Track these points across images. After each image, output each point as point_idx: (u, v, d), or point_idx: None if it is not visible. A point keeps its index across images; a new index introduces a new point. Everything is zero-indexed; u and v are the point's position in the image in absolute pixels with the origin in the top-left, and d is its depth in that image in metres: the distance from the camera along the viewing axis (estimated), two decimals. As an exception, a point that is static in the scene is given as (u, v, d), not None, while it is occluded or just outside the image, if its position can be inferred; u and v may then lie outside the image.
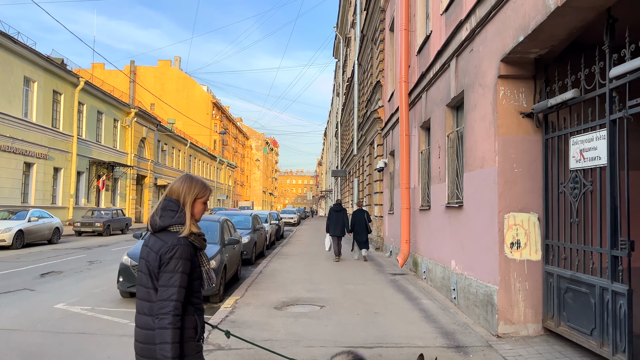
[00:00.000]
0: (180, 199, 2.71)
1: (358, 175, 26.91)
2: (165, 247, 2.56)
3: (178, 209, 2.68)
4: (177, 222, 2.64)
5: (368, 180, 21.54)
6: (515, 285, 6.39)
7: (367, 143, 21.96)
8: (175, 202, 2.71)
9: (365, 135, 22.43)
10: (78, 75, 32.75)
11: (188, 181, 2.76)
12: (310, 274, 11.97)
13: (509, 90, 6.53)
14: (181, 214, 2.67)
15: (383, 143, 17.76)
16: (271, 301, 8.67)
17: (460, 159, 8.52)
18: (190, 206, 2.71)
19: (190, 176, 2.82)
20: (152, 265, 2.59)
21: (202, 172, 67.33)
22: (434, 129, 10.08)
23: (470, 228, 7.60)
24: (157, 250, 2.58)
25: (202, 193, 2.77)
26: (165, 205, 2.70)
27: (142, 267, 2.65)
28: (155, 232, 2.68)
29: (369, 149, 21.15)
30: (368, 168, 21.53)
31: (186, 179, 2.78)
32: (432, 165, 10.24)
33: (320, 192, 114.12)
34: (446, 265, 9.05)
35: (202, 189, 2.77)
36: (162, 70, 78.27)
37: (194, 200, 2.72)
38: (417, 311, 8.02)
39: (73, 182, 32.36)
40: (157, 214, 2.68)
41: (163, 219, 2.65)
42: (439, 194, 9.65)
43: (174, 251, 2.53)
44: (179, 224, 2.64)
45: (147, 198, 45.70)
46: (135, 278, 8.31)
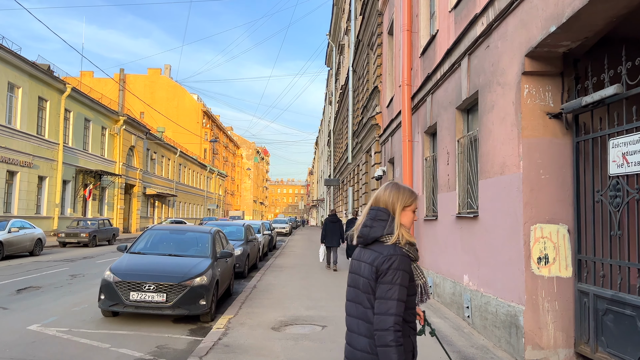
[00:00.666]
0: (389, 208, 2.59)
1: (353, 184, 26.26)
2: (381, 258, 2.45)
3: (388, 218, 2.56)
4: (389, 232, 2.53)
5: (364, 189, 20.88)
6: (543, 305, 5.72)
7: (362, 151, 21.33)
8: (384, 211, 2.59)
9: (360, 143, 21.81)
10: (65, 81, 31.87)
11: (395, 189, 2.64)
12: (307, 289, 11.24)
13: (534, 88, 5.90)
14: (392, 224, 2.55)
15: (381, 150, 17.13)
16: (268, 320, 7.94)
17: (473, 166, 7.88)
18: (399, 214, 2.57)
19: (396, 184, 2.69)
20: (368, 278, 2.48)
21: (192, 181, 66.37)
22: (441, 133, 9.45)
23: (487, 240, 6.93)
24: (372, 261, 2.48)
25: (411, 201, 2.64)
26: (375, 215, 2.59)
27: (354, 281, 2.60)
28: (367, 244, 2.59)
29: (365, 157, 20.52)
30: (364, 176, 20.89)
31: (393, 186, 2.66)
32: (439, 173, 9.59)
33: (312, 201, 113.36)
34: (457, 281, 8.37)
35: (410, 197, 2.64)
36: (152, 79, 77.50)
37: (403, 208, 2.60)
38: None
39: (58, 191, 31.39)
40: (368, 224, 2.58)
41: (374, 229, 2.55)
42: (447, 203, 9.00)
43: (391, 262, 2.42)
44: (390, 234, 2.52)
45: (135, 208, 44.69)
46: (120, 296, 7.58)
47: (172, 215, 55.55)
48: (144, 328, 7.72)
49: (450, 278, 8.83)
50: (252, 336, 6.94)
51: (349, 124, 26.52)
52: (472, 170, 7.92)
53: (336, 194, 42.21)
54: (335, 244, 15.24)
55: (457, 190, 8.47)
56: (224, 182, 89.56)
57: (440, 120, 9.51)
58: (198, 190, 69.52)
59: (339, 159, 37.60)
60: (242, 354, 6.08)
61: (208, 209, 74.39)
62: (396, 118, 13.67)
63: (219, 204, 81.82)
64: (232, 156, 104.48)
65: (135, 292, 7.70)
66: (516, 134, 6.00)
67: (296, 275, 13.61)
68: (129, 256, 8.78)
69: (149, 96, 69.92)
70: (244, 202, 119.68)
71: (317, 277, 13.33)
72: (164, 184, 53.07)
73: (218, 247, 9.82)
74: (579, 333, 5.59)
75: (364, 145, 20.73)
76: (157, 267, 8.21)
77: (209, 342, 6.57)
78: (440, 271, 9.49)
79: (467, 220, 7.83)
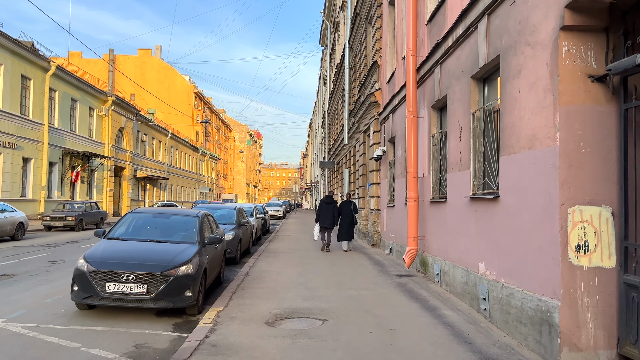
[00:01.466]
0: None
1: (349, 166, 25.37)
2: None
3: None
4: None
5: (361, 171, 20.02)
6: (582, 300, 4.91)
7: (360, 131, 20.42)
8: None
9: (358, 123, 20.89)
10: (49, 59, 30.58)
11: None
12: (304, 277, 10.42)
13: (574, 46, 5.02)
14: None
15: (380, 129, 16.23)
16: (261, 313, 7.11)
17: (492, 141, 7.02)
18: None
19: None
20: None
21: (184, 164, 65.25)
22: (452, 107, 8.56)
23: (511, 225, 6.10)
24: None
25: None
26: None
27: None
28: None
29: (363, 137, 19.62)
30: (361, 158, 20.01)
31: None
32: (449, 151, 8.73)
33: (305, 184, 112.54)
34: (470, 269, 7.56)
35: None
36: (143, 60, 75.86)
37: None
38: (441, 327, 6.52)
39: (44, 174, 30.34)
40: None
41: None
42: (459, 183, 8.15)
43: None
44: None
45: (125, 191, 43.65)
46: (95, 287, 6.72)
47: (163, 198, 54.56)
48: (122, 323, 6.88)
49: (461, 266, 8.02)
50: (243, 333, 6.11)
51: (345, 103, 25.53)
52: (491, 146, 7.07)
53: (331, 176, 41.34)
54: (328, 225, 15.34)
55: (471, 169, 7.62)
56: (217, 165, 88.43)
57: (451, 92, 8.62)
58: (190, 173, 68.46)
59: (334, 140, 36.65)
60: (231, 356, 5.25)
61: (200, 192, 73.41)
62: (398, 93, 12.76)
63: (211, 187, 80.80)
64: (224, 139, 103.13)
65: (112, 282, 6.83)
66: (551, 101, 5.13)
67: (291, 261, 12.80)
68: (107, 242, 7.89)
69: (139, 77, 68.48)
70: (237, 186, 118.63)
71: (313, 264, 12.52)
72: (155, 167, 51.98)
73: (207, 232, 8.95)
74: (624, 333, 4.79)
75: (362, 125, 19.81)
76: (137, 254, 7.33)
77: (193, 341, 5.74)
78: (450, 258, 8.68)
79: (485, 202, 6.99)
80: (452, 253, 8.59)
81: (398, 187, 13.38)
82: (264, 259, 13.28)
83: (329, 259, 13.44)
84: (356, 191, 22.33)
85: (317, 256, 14.11)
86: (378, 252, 15.22)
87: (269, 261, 12.80)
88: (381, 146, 15.68)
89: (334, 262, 12.96)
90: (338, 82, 31.78)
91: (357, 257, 14.12)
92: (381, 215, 16.34)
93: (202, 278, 7.64)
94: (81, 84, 34.70)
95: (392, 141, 14.59)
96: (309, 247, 16.74)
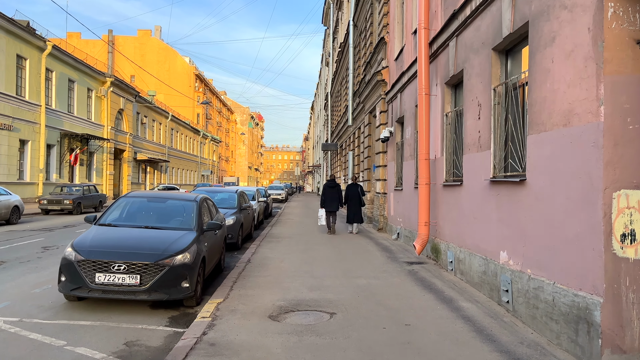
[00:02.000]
0: None
1: (353, 148, 24.75)
2: None
3: None
4: None
5: (366, 153, 19.40)
6: (627, 297, 4.35)
7: (365, 112, 19.75)
8: None
9: (363, 103, 20.21)
10: (45, 39, 29.79)
11: None
12: (309, 264, 9.89)
13: (621, 7, 4.38)
14: None
15: (387, 109, 15.57)
16: (264, 306, 6.57)
17: (517, 118, 6.40)
18: None
19: None
20: None
21: (185, 146, 64.62)
22: (469, 82, 7.93)
23: (540, 210, 5.51)
24: None
25: None
26: None
27: None
28: None
29: (368, 117, 18.96)
30: (367, 139, 19.38)
31: None
32: (465, 130, 8.12)
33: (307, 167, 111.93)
34: (490, 258, 7.00)
35: None
36: (142, 41, 74.85)
37: None
38: (460, 321, 5.98)
39: (42, 156, 29.76)
40: None
41: None
42: (477, 165, 7.55)
43: None
44: None
45: (126, 173, 43.10)
46: (84, 278, 6.18)
47: (164, 181, 54.05)
48: (114, 316, 6.35)
49: (479, 254, 7.46)
50: (244, 329, 5.57)
51: (349, 83, 24.80)
52: (516, 124, 6.45)
53: (334, 159, 40.73)
54: (334, 209, 15.35)
55: (491, 149, 7.01)
56: (218, 147, 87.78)
57: (468, 67, 7.97)
58: (191, 156, 67.87)
59: (337, 122, 35.96)
60: (231, 357, 4.71)
61: (202, 175, 72.91)
62: (408, 70, 12.09)
63: (213, 170, 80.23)
64: (225, 121, 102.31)
65: (102, 273, 6.28)
66: (593, 70, 4.51)
67: (295, 247, 12.26)
68: (97, 229, 7.33)
69: (139, 59, 67.54)
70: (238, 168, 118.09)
71: (318, 249, 11.99)
72: (156, 149, 51.38)
73: (206, 217, 8.40)
74: (676, 333, 4.23)
75: (367, 105, 19.14)
76: (129, 242, 6.78)
77: (190, 339, 5.20)
78: (466, 245, 8.12)
79: (508, 186, 6.39)
80: (468, 240, 8.02)
81: (407, 169, 12.78)
82: (266, 244, 12.76)
83: (334, 244, 12.90)
84: (361, 174, 21.75)
85: (322, 241, 13.58)
86: (385, 237, 14.68)
87: (271, 247, 12.27)
88: (388, 127, 15.04)
89: (340, 247, 12.42)
90: (341, 62, 30.99)
91: (364, 242, 13.58)
92: (388, 199, 15.77)
93: (200, 267, 7.09)
94: (79, 64, 33.93)
95: (400, 121, 13.95)
96: (313, 231, 16.21)
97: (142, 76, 63.22)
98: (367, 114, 19.11)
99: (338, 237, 14.65)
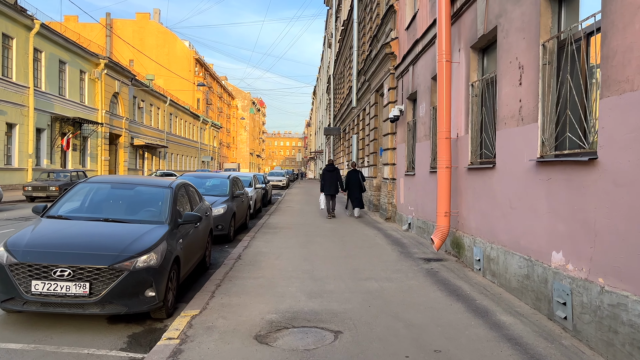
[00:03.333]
0: None
1: (357, 132, 23.23)
2: None
3: None
4: None
5: (372, 136, 17.90)
6: None
7: (371, 91, 18.22)
8: None
9: (369, 82, 18.66)
10: (32, 17, 28.19)
11: None
12: (309, 261, 8.46)
13: None
14: None
15: (397, 86, 14.03)
16: (251, 321, 5.15)
17: (579, 79, 4.90)
18: None
19: None
20: None
21: (185, 132, 63.10)
22: (506, 41, 6.42)
23: (620, 200, 4.05)
24: None
25: None
26: None
27: None
28: None
29: (375, 96, 17.42)
30: (372, 121, 17.86)
31: None
32: (500, 100, 6.62)
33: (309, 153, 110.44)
34: (536, 259, 5.55)
35: None
36: (141, 24, 73.05)
37: None
38: (506, 345, 4.55)
39: (31, 140, 28.31)
40: None
41: None
42: (516, 142, 6.08)
43: None
44: None
45: (122, 159, 41.63)
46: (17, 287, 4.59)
47: (163, 167, 52.64)
48: (55, 335, 4.94)
49: (519, 253, 6.01)
50: (221, 357, 4.16)
51: (353, 62, 23.22)
52: (577, 86, 4.95)
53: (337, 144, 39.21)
54: (333, 192, 15.66)
55: (539, 121, 5.52)
56: (219, 133, 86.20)
57: (504, 22, 6.46)
58: (191, 142, 66.38)
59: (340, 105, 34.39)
60: (193, 411, 3.29)
61: (202, 161, 71.48)
62: (423, 37, 10.55)
63: (213, 156, 78.78)
64: (226, 107, 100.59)
65: (41, 280, 4.86)
66: None
67: (293, 240, 10.84)
68: (44, 222, 5.87)
69: (138, 43, 65.90)
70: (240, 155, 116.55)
71: (320, 242, 10.56)
72: (154, 135, 49.86)
73: (185, 207, 6.97)
74: None
75: (373, 84, 17.59)
76: (79, 240, 5.35)
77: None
78: (499, 240, 6.66)
79: (566, 167, 4.92)
80: (502, 235, 6.57)
81: (420, 151, 11.29)
82: (262, 236, 11.33)
83: (338, 236, 11.47)
84: (366, 158, 20.27)
85: (324, 232, 12.15)
86: (394, 228, 13.23)
87: (267, 239, 10.85)
88: (398, 105, 13.52)
89: (344, 240, 10.99)
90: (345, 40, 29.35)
91: (371, 233, 12.15)
92: (397, 185, 14.29)
93: (172, 270, 5.67)
94: (70, 44, 32.35)
95: (412, 98, 12.44)
96: (315, 220, 14.80)
97: (141, 60, 61.69)
98: (373, 93, 17.57)
99: (342, 227, 13.23)
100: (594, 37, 4.65)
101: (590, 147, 4.62)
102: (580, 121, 4.86)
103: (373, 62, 16.74)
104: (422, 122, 11.06)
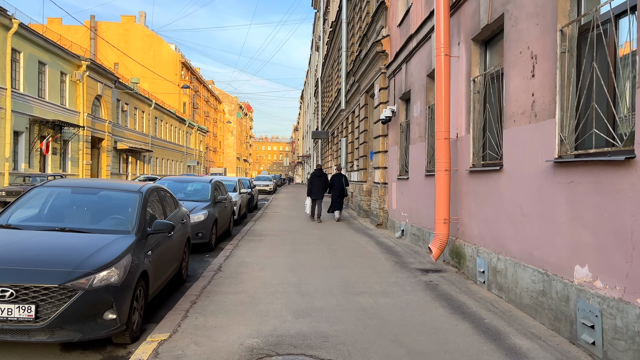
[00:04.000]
0: None
1: (346, 135, 22.57)
2: None
3: None
4: None
5: (362, 139, 17.24)
6: None
7: (361, 92, 17.57)
8: None
9: (358, 83, 18.01)
10: (10, 16, 27.20)
11: None
12: (296, 272, 7.74)
13: None
14: None
15: (389, 85, 13.38)
16: (228, 347, 4.42)
17: (607, 66, 4.25)
18: None
19: None
20: None
21: (170, 136, 62.04)
22: (515, 29, 5.77)
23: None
24: None
25: None
26: None
27: None
28: None
29: (365, 98, 16.77)
30: (362, 123, 17.21)
31: None
32: (508, 95, 5.98)
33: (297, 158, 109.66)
34: (554, 273, 4.88)
35: None
36: (126, 27, 71.94)
37: None
38: None
39: (8, 144, 27.22)
40: None
41: None
42: (529, 141, 5.43)
43: None
44: None
45: (105, 163, 40.55)
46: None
47: (147, 171, 51.55)
48: (-3, 367, 4.18)
49: (532, 265, 5.35)
50: (187, 400, 3.42)
51: (342, 64, 22.59)
52: (609, 76, 4.30)
53: (324, 148, 38.53)
54: (320, 197, 15.81)
55: (556, 116, 4.87)
56: (205, 138, 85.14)
57: (513, 8, 5.82)
58: (177, 146, 65.30)
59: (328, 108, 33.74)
60: None
61: (188, 166, 70.39)
62: (417, 32, 9.91)
63: (200, 160, 77.70)
64: (213, 111, 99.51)
65: (-23, 302, 4.09)
66: None
67: (280, 248, 10.11)
68: (-11, 232, 5.09)
69: (123, 46, 64.82)
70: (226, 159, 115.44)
71: (307, 251, 9.84)
72: (138, 139, 48.81)
73: (157, 214, 6.22)
74: None
75: (363, 85, 16.95)
76: (25, 253, 4.58)
77: None
78: (508, 251, 6.00)
79: (592, 169, 4.26)
80: (511, 244, 5.91)
81: (415, 153, 10.63)
82: (245, 244, 10.59)
83: (327, 244, 10.76)
84: (355, 162, 19.60)
85: (312, 240, 11.43)
86: (386, 235, 12.55)
87: (251, 247, 10.11)
88: (390, 105, 12.86)
89: (334, 248, 10.28)
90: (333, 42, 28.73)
91: (362, 241, 11.45)
92: (389, 190, 13.62)
93: (138, 287, 4.92)
94: (50, 45, 31.33)
95: (405, 98, 11.79)
96: (302, 227, 14.09)
97: (127, 63, 60.56)
98: (363, 94, 16.92)
99: (331, 234, 12.53)
100: (626, 17, 4.00)
101: (624, 146, 3.97)
102: (609, 116, 4.21)
103: (363, 62, 16.09)
104: (416, 123, 10.41)
